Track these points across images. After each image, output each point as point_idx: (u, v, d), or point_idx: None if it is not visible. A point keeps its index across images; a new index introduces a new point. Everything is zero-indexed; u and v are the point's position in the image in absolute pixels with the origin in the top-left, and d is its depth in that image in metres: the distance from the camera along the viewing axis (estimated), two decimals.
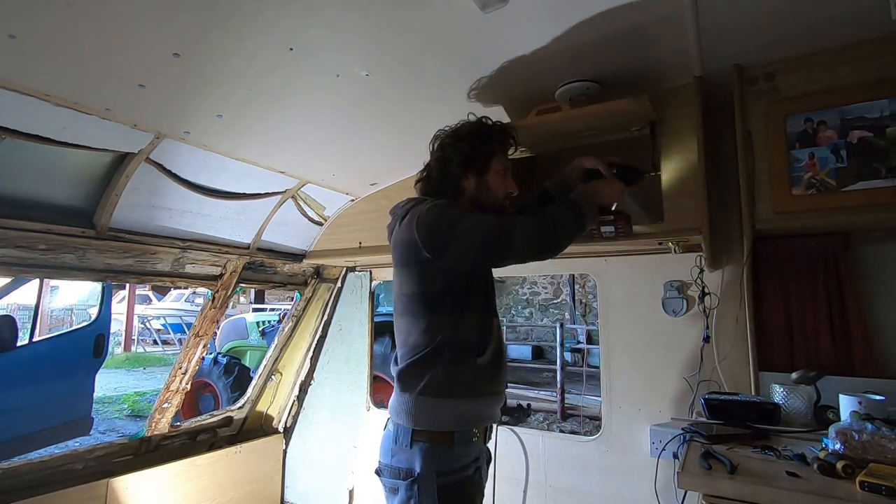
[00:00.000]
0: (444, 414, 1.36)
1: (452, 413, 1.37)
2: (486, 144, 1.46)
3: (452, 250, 1.32)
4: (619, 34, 1.44)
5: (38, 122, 1.50)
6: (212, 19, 1.24)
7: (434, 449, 1.34)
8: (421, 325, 1.39)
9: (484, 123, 1.48)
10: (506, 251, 1.33)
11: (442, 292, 1.38)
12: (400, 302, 1.44)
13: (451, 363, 1.37)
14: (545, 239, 1.35)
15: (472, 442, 1.40)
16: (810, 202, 1.52)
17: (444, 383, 1.36)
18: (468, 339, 1.40)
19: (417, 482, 1.31)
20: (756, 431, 1.41)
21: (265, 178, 2.17)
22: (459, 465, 1.36)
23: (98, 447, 2.35)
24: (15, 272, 1.83)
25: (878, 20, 1.36)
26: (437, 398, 1.36)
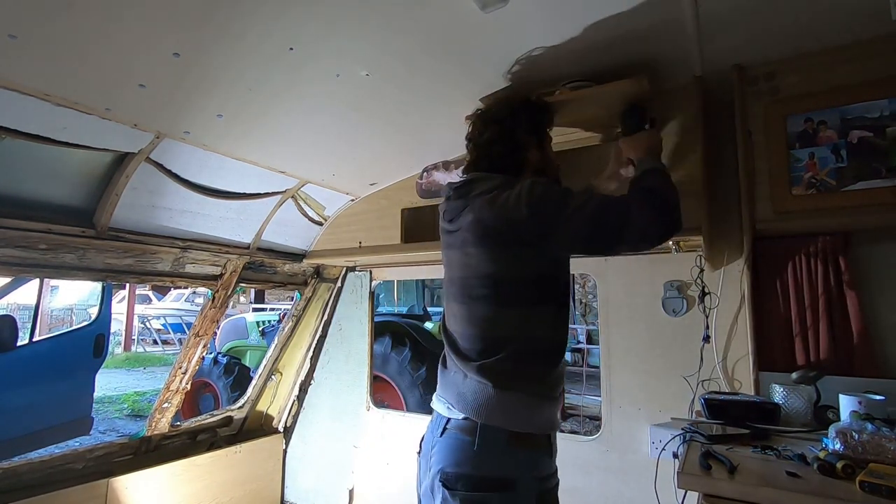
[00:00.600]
0: (544, 415, 1.25)
1: (548, 415, 1.27)
2: (543, 113, 1.47)
3: (562, 231, 1.20)
4: (619, 34, 1.43)
5: (38, 122, 1.50)
6: (212, 19, 1.24)
7: (534, 453, 1.22)
8: (517, 315, 1.25)
9: (530, 97, 1.48)
10: (620, 236, 1.19)
11: (532, 281, 1.26)
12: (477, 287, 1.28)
13: (549, 361, 1.28)
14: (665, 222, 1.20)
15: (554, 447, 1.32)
16: (810, 202, 1.52)
17: (544, 382, 1.26)
18: (556, 337, 1.30)
19: (517, 491, 1.17)
20: (756, 431, 1.41)
21: (265, 177, 2.17)
22: (553, 470, 1.28)
23: (98, 447, 2.35)
24: (15, 272, 1.83)
25: (878, 20, 1.36)
26: (537, 398, 1.25)
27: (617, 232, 1.19)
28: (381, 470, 2.85)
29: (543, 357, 1.27)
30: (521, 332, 1.24)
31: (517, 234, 1.23)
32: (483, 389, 1.22)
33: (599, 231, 1.20)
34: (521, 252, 1.24)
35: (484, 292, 1.27)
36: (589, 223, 1.20)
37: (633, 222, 1.18)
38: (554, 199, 1.22)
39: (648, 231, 1.20)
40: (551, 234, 1.20)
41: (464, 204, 1.33)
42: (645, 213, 1.19)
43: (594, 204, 1.21)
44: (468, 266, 1.30)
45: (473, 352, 1.27)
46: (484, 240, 1.27)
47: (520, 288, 1.25)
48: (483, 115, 1.46)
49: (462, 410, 1.24)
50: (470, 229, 1.29)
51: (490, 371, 1.23)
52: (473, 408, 1.22)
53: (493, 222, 1.25)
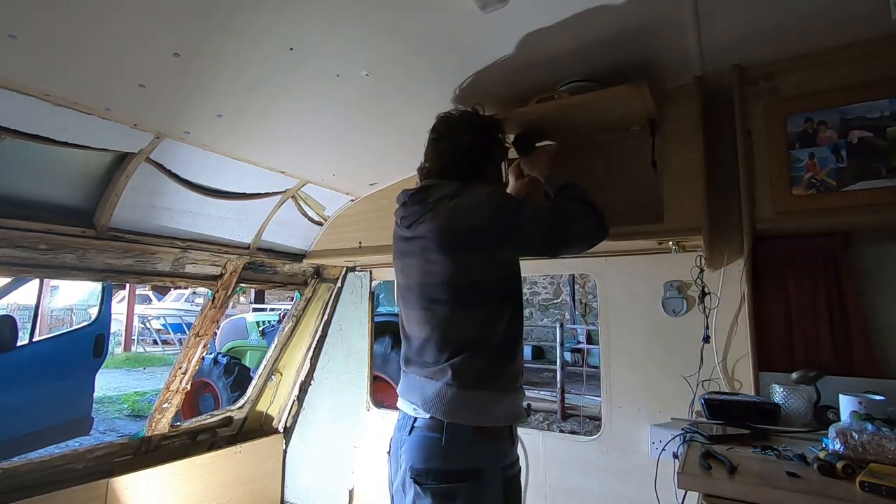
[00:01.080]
0: (506, 408, 1.33)
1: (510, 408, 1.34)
2: (503, 134, 1.58)
3: (519, 235, 1.32)
4: (618, 34, 1.44)
5: (38, 122, 1.50)
6: (212, 19, 1.24)
7: (498, 444, 1.30)
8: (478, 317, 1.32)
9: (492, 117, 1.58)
10: (566, 238, 1.35)
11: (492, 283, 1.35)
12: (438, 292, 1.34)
13: (508, 357, 1.35)
14: (598, 221, 1.39)
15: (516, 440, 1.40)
16: (810, 202, 1.52)
17: (504, 378, 1.34)
18: (516, 333, 1.38)
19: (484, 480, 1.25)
20: (756, 431, 1.41)
21: (265, 177, 2.17)
22: (515, 458, 1.36)
23: (98, 447, 2.35)
24: (15, 272, 1.83)
25: (878, 20, 1.36)
26: (500, 392, 1.32)
27: (563, 236, 1.35)
28: (381, 470, 2.85)
29: (503, 354, 1.34)
30: (482, 332, 1.32)
31: (479, 240, 1.31)
32: (447, 390, 1.29)
33: (549, 235, 1.35)
34: (481, 257, 1.32)
35: (444, 297, 1.34)
36: (541, 229, 1.34)
37: (575, 227, 1.36)
38: (511, 207, 1.34)
39: (589, 234, 1.38)
40: (509, 239, 1.32)
41: (422, 210, 1.37)
42: (584, 220, 1.37)
43: (545, 212, 1.37)
44: (429, 273, 1.36)
45: (435, 354, 1.33)
46: (447, 246, 1.33)
47: (480, 291, 1.33)
48: (465, 118, 1.49)
49: (428, 410, 1.30)
50: (432, 236, 1.34)
51: (453, 372, 1.29)
52: (439, 408, 1.29)
53: (455, 229, 1.32)
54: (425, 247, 1.36)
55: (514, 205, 1.35)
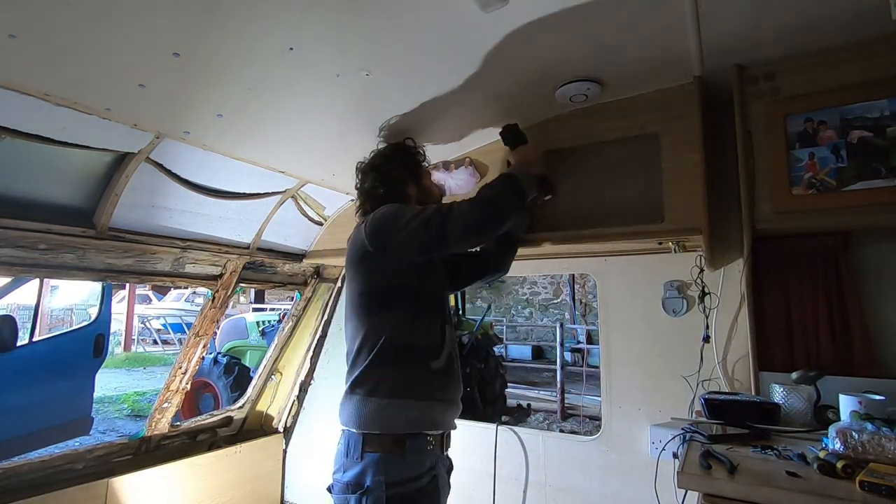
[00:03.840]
0: (395, 415, 1.32)
1: (403, 415, 1.33)
2: (414, 155, 1.68)
3: (395, 243, 1.36)
4: (618, 34, 1.44)
5: (38, 122, 1.50)
6: (212, 19, 1.24)
7: (385, 458, 1.29)
8: (366, 325, 1.39)
9: (401, 143, 1.70)
10: (444, 236, 1.34)
11: (386, 291, 1.40)
12: (348, 303, 1.47)
13: (402, 365, 1.35)
14: (481, 215, 1.37)
15: (427, 450, 1.35)
16: (810, 202, 1.52)
17: (395, 384, 1.34)
18: (415, 341, 1.39)
19: (366, 494, 1.26)
20: (756, 431, 1.41)
21: (265, 177, 2.17)
22: (411, 474, 1.31)
23: (98, 447, 2.35)
24: (15, 272, 1.82)
25: (878, 20, 1.35)
26: (388, 399, 1.32)
27: (441, 233, 1.34)
28: None
29: (403, 359, 1.36)
30: (377, 337, 1.37)
31: (363, 251, 1.41)
32: (345, 396, 1.39)
33: (427, 235, 1.35)
34: (370, 267, 1.42)
35: (350, 309, 1.45)
36: (417, 231, 1.36)
37: (451, 222, 1.34)
38: (389, 217, 1.41)
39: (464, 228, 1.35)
40: (389, 246, 1.38)
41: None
42: (463, 213, 1.36)
43: (423, 214, 1.37)
44: (347, 288, 1.51)
45: (349, 364, 1.43)
46: (348, 263, 1.49)
47: (372, 299, 1.41)
48: (362, 167, 1.67)
49: (342, 423, 1.41)
50: (347, 253, 1.50)
51: (349, 377, 1.39)
52: (341, 415, 1.39)
53: (352, 246, 1.47)
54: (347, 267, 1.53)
55: (393, 214, 1.40)
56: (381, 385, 1.34)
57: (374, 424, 1.31)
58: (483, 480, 2.43)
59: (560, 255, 2.32)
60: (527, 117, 1.93)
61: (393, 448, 1.30)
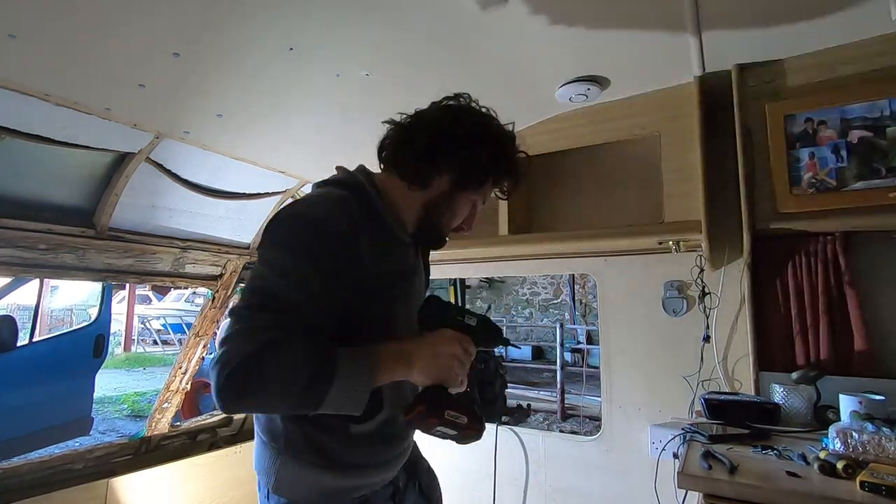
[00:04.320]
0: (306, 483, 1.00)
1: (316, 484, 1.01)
2: (494, 166, 1.08)
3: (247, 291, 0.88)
4: (618, 34, 1.44)
5: (38, 122, 1.50)
6: (212, 19, 1.24)
7: None
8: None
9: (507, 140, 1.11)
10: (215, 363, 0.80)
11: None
12: None
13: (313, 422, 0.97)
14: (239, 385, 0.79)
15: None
16: (810, 202, 1.52)
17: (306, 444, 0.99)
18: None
19: None
20: (756, 431, 1.41)
21: (265, 177, 2.17)
22: None
23: (98, 447, 2.35)
24: (15, 272, 1.82)
25: (878, 20, 1.36)
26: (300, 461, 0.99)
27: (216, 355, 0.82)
28: None
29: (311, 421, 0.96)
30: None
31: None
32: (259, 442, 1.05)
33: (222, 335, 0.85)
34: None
35: None
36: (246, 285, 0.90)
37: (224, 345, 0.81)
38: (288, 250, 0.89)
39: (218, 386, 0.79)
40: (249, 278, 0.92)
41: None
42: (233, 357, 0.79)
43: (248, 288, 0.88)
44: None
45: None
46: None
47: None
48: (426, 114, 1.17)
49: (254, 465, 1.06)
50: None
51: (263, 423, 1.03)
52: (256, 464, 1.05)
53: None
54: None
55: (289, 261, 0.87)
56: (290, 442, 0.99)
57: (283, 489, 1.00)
58: (483, 481, 2.43)
59: (560, 255, 2.32)
60: (527, 117, 1.94)
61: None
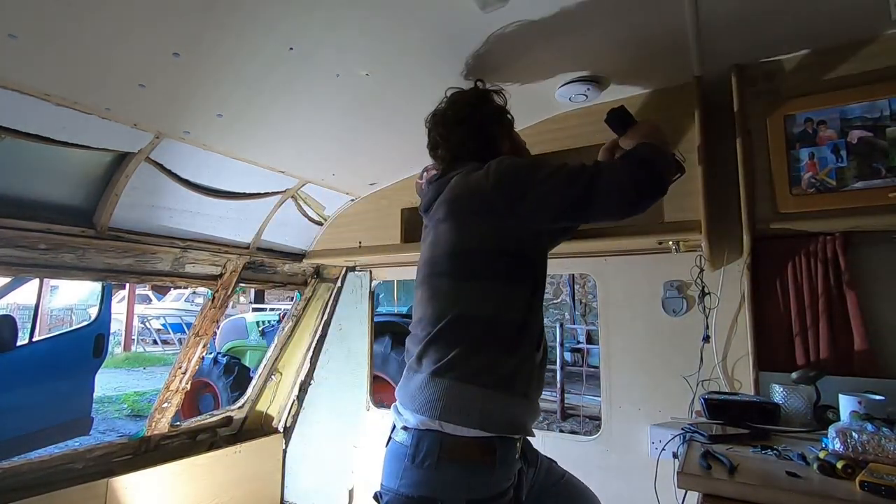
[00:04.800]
0: (497, 411, 1.05)
1: (506, 412, 1.07)
2: (501, 104, 1.40)
3: (531, 198, 1.12)
4: (618, 34, 1.43)
5: (38, 122, 1.50)
6: (212, 19, 1.24)
7: (470, 470, 1.03)
8: (467, 292, 1.11)
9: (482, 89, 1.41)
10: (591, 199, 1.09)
11: (505, 255, 1.13)
12: (436, 261, 1.18)
13: (514, 350, 1.09)
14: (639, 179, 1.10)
15: (515, 459, 1.12)
16: (810, 202, 1.52)
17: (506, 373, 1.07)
18: (530, 323, 1.13)
19: None
20: (756, 431, 1.41)
21: (265, 177, 2.17)
22: (498, 490, 1.05)
23: (98, 447, 2.35)
24: (15, 272, 1.83)
25: (878, 20, 1.36)
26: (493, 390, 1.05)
27: (587, 194, 1.10)
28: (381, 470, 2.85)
29: (511, 345, 1.10)
30: (485, 310, 1.10)
31: (485, 204, 1.15)
32: (433, 381, 1.08)
33: (571, 195, 1.11)
34: (489, 222, 1.15)
35: (447, 267, 1.16)
36: (558, 187, 1.12)
37: (602, 183, 1.10)
38: (523, 168, 1.17)
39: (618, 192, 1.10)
40: (519, 200, 1.13)
41: (438, 191, 1.29)
42: (616, 173, 1.11)
43: (565, 170, 1.14)
44: (436, 244, 1.21)
45: (428, 337, 1.12)
46: (452, 213, 1.20)
47: (487, 260, 1.13)
48: (443, 118, 1.39)
49: (412, 411, 1.09)
50: (441, 207, 1.23)
51: (444, 357, 1.08)
52: (414, 403, 1.08)
53: (462, 195, 1.21)
54: (436, 221, 1.24)
55: (527, 165, 1.19)
56: (486, 371, 1.05)
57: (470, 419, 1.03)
58: None
59: (560, 255, 2.31)
60: (527, 117, 1.94)
61: (481, 457, 1.04)
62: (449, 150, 1.37)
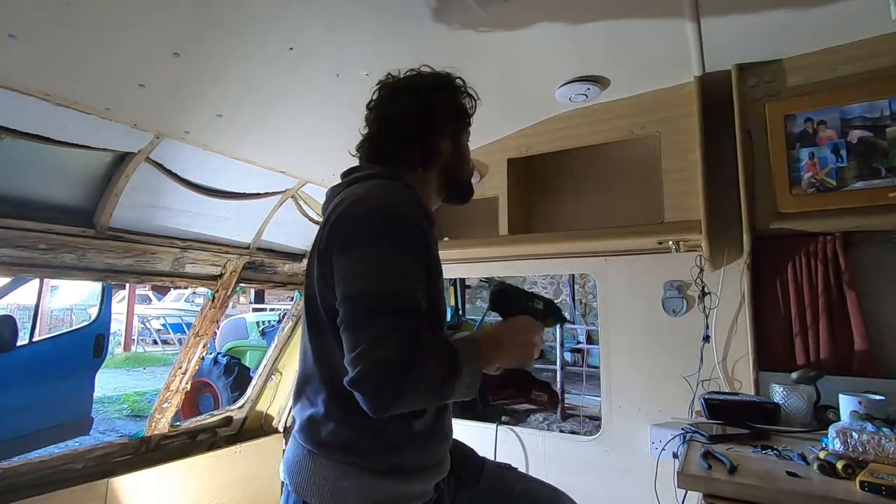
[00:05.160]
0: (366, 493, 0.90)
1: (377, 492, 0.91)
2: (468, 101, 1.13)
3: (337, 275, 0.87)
4: (618, 34, 1.44)
5: (38, 122, 1.50)
6: (211, 19, 1.24)
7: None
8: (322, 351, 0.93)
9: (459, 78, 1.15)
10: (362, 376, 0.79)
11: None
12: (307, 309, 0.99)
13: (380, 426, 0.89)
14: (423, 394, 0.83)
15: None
16: (810, 202, 1.52)
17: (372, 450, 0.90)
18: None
19: None
20: (756, 431, 1.41)
21: (265, 177, 2.17)
22: None
23: (98, 447, 2.35)
24: (15, 272, 1.82)
25: (878, 20, 1.36)
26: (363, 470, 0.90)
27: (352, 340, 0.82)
28: None
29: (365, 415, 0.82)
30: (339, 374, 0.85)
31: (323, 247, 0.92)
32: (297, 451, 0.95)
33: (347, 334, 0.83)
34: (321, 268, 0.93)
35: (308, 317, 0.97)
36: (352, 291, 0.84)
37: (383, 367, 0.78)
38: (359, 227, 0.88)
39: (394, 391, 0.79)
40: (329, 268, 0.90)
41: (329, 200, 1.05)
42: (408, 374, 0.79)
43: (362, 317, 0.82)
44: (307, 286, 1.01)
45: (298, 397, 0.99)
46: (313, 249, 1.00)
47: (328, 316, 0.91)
48: (396, 82, 1.13)
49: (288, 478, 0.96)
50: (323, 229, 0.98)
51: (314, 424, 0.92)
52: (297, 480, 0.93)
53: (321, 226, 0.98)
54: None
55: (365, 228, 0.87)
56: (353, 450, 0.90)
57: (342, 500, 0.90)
58: None
59: (560, 255, 2.32)
60: (527, 117, 1.94)
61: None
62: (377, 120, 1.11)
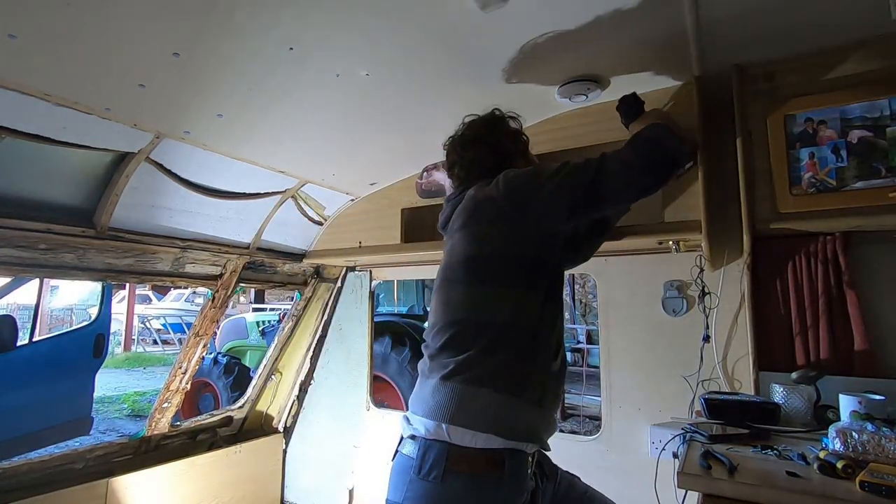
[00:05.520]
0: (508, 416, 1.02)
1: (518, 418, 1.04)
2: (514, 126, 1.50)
3: (539, 201, 1.16)
4: (618, 33, 1.43)
5: (38, 122, 1.50)
6: (212, 19, 1.24)
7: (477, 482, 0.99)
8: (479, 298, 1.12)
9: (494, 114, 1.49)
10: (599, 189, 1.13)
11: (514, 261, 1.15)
12: (451, 269, 1.22)
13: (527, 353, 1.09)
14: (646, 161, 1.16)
15: (526, 474, 1.07)
16: (810, 202, 1.52)
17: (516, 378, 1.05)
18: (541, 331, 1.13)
19: None
20: (756, 431, 1.41)
21: (265, 177, 2.17)
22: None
23: (98, 447, 2.35)
24: (15, 272, 1.83)
25: (877, 20, 1.35)
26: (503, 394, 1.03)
27: (595, 185, 1.15)
28: (381, 470, 2.85)
29: (525, 351, 1.10)
30: (498, 316, 1.10)
31: (498, 211, 1.19)
32: (443, 385, 1.06)
33: (577, 186, 1.16)
34: (504, 228, 1.18)
35: (461, 274, 1.19)
36: (565, 182, 1.17)
37: (607, 171, 1.15)
38: (528, 173, 1.25)
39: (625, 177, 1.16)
40: (529, 203, 1.17)
41: (454, 206, 1.37)
42: (621, 160, 1.16)
43: (570, 165, 1.19)
44: (451, 253, 1.26)
45: (442, 342, 1.13)
46: (467, 223, 1.25)
47: (500, 266, 1.15)
48: (460, 140, 1.46)
49: (422, 416, 1.07)
50: (457, 219, 1.30)
51: (454, 361, 1.07)
52: (431, 408, 1.05)
53: (476, 206, 1.26)
54: (452, 231, 1.31)
55: (531, 171, 1.25)
56: (497, 375, 1.03)
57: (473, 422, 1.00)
58: None
59: None
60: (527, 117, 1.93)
61: (489, 470, 0.99)
62: (464, 167, 1.42)
